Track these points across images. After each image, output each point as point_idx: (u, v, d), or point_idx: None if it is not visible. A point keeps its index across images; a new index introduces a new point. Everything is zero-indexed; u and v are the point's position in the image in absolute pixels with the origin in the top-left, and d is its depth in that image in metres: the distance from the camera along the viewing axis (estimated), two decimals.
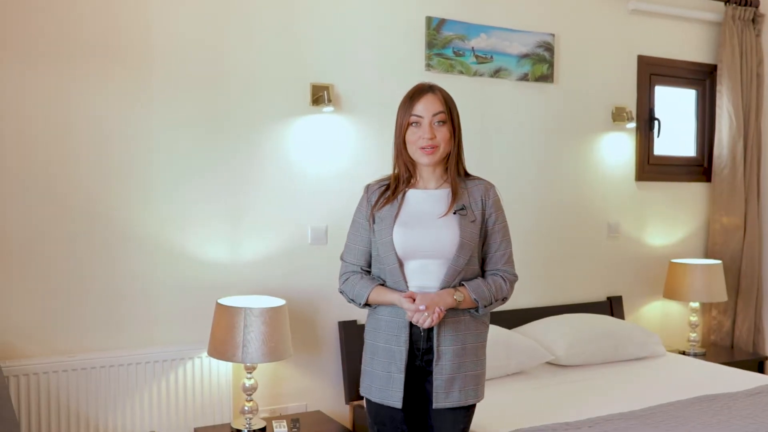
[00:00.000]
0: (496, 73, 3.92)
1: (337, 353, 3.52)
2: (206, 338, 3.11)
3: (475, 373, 2.25)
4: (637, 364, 3.67)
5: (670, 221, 4.60)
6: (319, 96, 3.41)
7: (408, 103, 2.23)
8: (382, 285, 2.27)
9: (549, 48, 4.08)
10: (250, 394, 3.07)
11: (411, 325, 2.21)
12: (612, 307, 4.28)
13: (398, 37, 3.67)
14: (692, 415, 2.76)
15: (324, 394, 3.50)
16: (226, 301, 3.03)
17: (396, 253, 2.21)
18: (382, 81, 3.61)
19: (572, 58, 4.19)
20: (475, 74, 3.86)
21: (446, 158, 2.25)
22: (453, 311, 2.19)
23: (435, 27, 3.74)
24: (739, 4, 4.59)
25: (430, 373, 2.23)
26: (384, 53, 3.63)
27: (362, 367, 2.36)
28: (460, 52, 3.82)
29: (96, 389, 2.98)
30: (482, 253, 2.29)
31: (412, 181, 2.30)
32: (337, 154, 3.52)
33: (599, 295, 4.31)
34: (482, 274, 2.30)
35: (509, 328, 3.74)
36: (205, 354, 3.14)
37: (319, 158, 3.48)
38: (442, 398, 2.20)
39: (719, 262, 4.34)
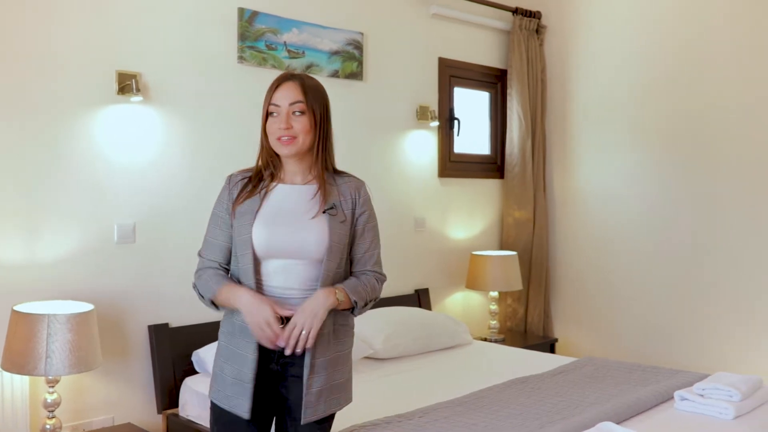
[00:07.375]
0: (308, 69, 3.90)
1: (147, 359, 3.30)
2: None
3: (344, 380, 2.14)
4: (449, 353, 3.83)
5: (470, 216, 4.86)
6: (126, 84, 3.18)
7: (269, 91, 2.09)
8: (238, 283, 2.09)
9: (358, 46, 4.13)
10: (53, 410, 2.80)
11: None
12: (420, 299, 4.43)
13: (210, 28, 3.52)
14: (511, 397, 2.93)
15: (134, 404, 3.26)
16: (23, 307, 2.74)
17: (253, 253, 2.05)
18: (193, 71, 3.45)
19: (380, 57, 4.28)
20: (287, 69, 3.81)
21: (313, 152, 2.11)
22: (327, 320, 2.03)
23: (247, 19, 3.63)
24: (525, 15, 4.96)
25: (286, 378, 2.09)
26: (195, 43, 3.47)
27: (213, 369, 2.17)
28: (273, 46, 3.76)
29: None
30: (351, 253, 2.15)
31: (280, 174, 2.14)
32: (146, 146, 3.30)
33: (408, 287, 4.44)
34: (351, 274, 2.18)
35: None
36: None
37: (126, 150, 3.24)
38: (310, 413, 2.04)
39: (514, 253, 4.66)
